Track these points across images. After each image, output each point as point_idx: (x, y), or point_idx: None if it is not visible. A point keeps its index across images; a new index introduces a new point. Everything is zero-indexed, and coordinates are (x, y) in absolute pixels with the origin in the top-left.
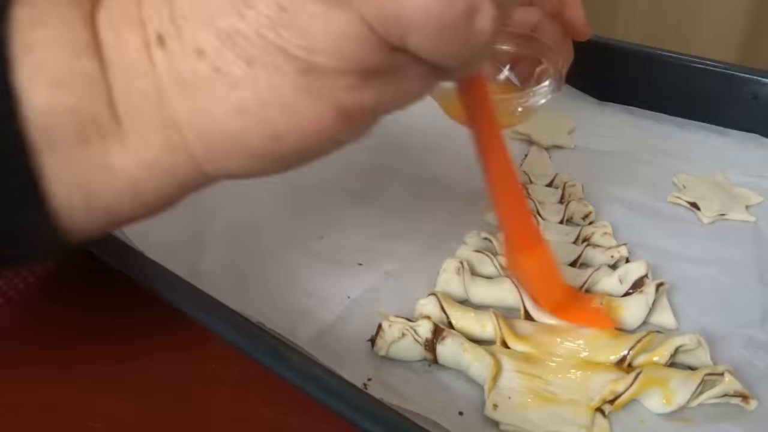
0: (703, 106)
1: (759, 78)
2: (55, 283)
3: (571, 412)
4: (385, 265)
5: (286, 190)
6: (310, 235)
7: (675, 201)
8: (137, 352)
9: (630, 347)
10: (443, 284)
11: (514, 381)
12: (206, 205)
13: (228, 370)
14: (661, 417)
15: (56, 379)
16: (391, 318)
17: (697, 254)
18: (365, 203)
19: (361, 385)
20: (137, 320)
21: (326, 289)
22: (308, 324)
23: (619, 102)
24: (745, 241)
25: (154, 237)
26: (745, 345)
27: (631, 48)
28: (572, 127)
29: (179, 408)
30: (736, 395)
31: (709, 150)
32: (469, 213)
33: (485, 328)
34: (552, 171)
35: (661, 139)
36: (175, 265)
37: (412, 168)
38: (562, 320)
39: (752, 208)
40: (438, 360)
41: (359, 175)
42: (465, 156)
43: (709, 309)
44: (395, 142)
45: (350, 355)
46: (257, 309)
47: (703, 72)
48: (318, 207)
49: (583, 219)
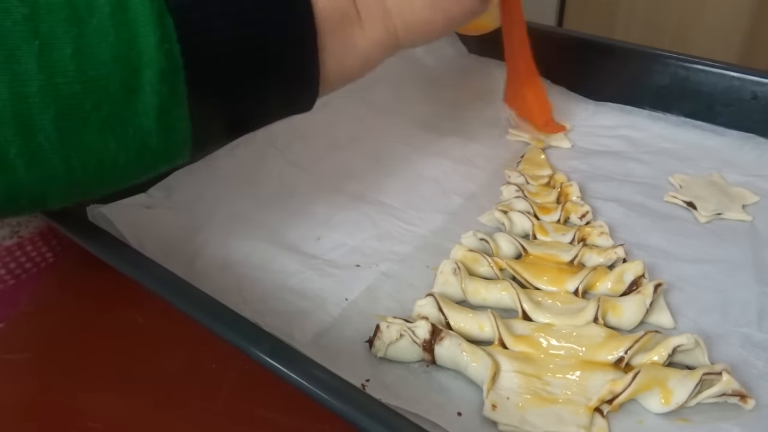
0: (702, 106)
1: (759, 78)
2: (55, 283)
3: (569, 412)
4: (382, 267)
5: (284, 191)
6: (308, 237)
7: (672, 200)
8: (137, 352)
9: (628, 347)
10: (441, 285)
11: (512, 381)
12: (204, 206)
13: (228, 370)
14: (659, 416)
15: (56, 379)
16: (389, 319)
17: (694, 254)
18: (362, 204)
19: (359, 386)
20: (137, 320)
21: (324, 291)
22: (306, 326)
23: (618, 102)
24: (741, 240)
25: (153, 237)
26: (742, 344)
27: (631, 48)
28: (569, 128)
29: (179, 408)
30: (734, 394)
31: (706, 150)
32: (466, 214)
33: (483, 328)
34: (549, 171)
35: (658, 138)
36: (171, 268)
37: (409, 169)
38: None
39: (749, 207)
40: (436, 361)
41: (356, 176)
42: (462, 158)
43: (707, 308)
44: (393, 143)
45: (348, 356)
46: (255, 310)
47: (703, 72)
48: (315, 208)
49: (580, 219)
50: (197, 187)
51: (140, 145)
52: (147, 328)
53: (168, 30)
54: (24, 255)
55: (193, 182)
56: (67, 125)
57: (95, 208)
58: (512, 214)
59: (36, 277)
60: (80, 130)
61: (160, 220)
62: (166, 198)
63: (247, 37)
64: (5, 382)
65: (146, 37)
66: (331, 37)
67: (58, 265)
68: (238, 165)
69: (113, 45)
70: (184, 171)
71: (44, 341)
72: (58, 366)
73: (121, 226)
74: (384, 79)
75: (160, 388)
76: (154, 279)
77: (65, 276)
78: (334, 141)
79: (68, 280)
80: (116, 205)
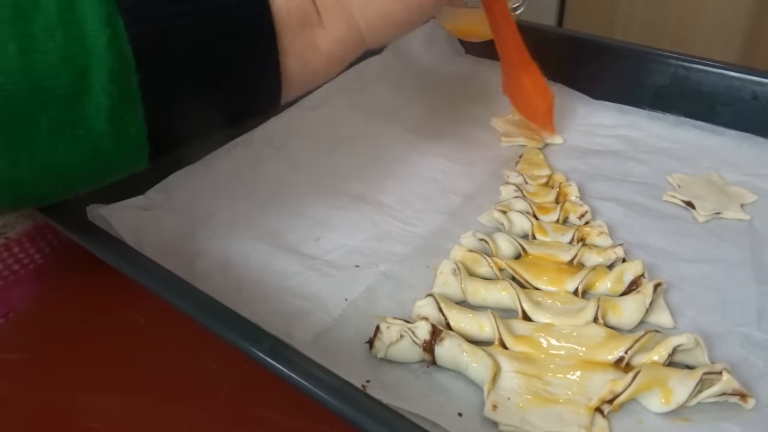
0: (702, 106)
1: (759, 78)
2: (55, 283)
3: (570, 413)
4: (382, 267)
5: (283, 192)
6: (307, 238)
7: (670, 200)
8: (137, 352)
9: (628, 347)
10: (440, 286)
11: (512, 382)
12: (202, 208)
13: (228, 370)
14: (659, 416)
15: (56, 379)
16: (389, 320)
17: (693, 253)
18: (361, 205)
19: (359, 387)
20: (137, 320)
21: (323, 292)
22: (306, 326)
23: (617, 101)
24: (740, 239)
25: (152, 238)
26: (742, 343)
27: (631, 48)
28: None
29: (179, 408)
30: (735, 394)
31: (704, 149)
32: (465, 214)
33: (483, 329)
34: (547, 171)
35: (657, 138)
36: (172, 267)
37: (408, 169)
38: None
39: (747, 206)
40: (436, 361)
41: (355, 176)
42: (460, 158)
43: (706, 308)
44: (392, 143)
45: (348, 357)
46: (254, 311)
47: (703, 72)
48: (314, 209)
49: (579, 219)
50: (195, 188)
51: (93, 148)
52: (147, 328)
53: (118, 30)
54: (11, 257)
55: (192, 183)
56: (13, 126)
57: (95, 208)
58: (511, 214)
59: (23, 278)
60: (28, 131)
61: (158, 222)
62: (165, 200)
63: (204, 39)
64: (5, 382)
65: (95, 36)
66: (292, 38)
67: (57, 265)
68: (237, 165)
69: (60, 44)
70: (183, 172)
71: (44, 341)
72: (58, 366)
73: (120, 228)
74: (383, 79)
75: (160, 387)
76: (154, 279)
77: (65, 276)
78: (333, 141)
79: (68, 280)
80: (114, 207)
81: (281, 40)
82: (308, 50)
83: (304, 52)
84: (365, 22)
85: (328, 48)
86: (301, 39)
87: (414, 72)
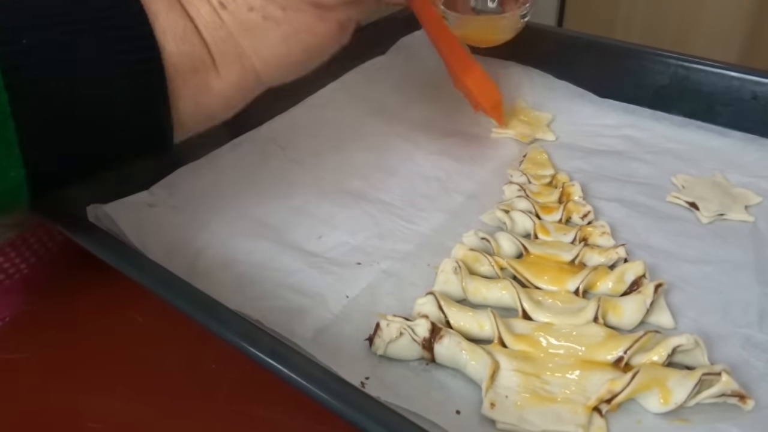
0: (703, 106)
1: (759, 78)
2: (55, 283)
3: (568, 412)
4: (383, 265)
5: (286, 190)
6: (309, 235)
7: (674, 201)
8: (137, 352)
9: (627, 347)
10: (441, 284)
11: (511, 380)
12: (206, 204)
13: (227, 370)
14: (658, 416)
15: (56, 379)
16: (389, 317)
17: (695, 254)
18: (364, 203)
19: (358, 383)
20: (137, 320)
21: (324, 289)
22: (307, 323)
23: (619, 102)
24: (743, 241)
25: (155, 236)
26: (743, 345)
27: (631, 48)
28: (551, 119)
29: (179, 408)
30: (734, 395)
31: (709, 150)
32: (467, 213)
33: (483, 327)
34: (551, 171)
35: (661, 139)
36: (174, 266)
37: (411, 168)
38: (495, 117)
39: (751, 208)
40: (436, 359)
41: (358, 174)
42: (464, 157)
43: (708, 309)
44: (395, 142)
45: (348, 354)
46: (256, 308)
47: (703, 72)
48: (317, 207)
49: (582, 219)
50: (200, 184)
51: None
52: (147, 328)
53: None
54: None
55: (196, 180)
56: None
57: (96, 207)
58: (514, 213)
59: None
60: None
61: (162, 218)
62: (169, 196)
63: (90, 84)
64: (5, 382)
65: None
66: (183, 82)
67: (57, 265)
68: (241, 163)
69: None
70: (187, 168)
71: (44, 341)
72: (58, 366)
73: (124, 225)
74: (387, 78)
75: (159, 387)
76: (154, 279)
77: (65, 276)
78: (337, 139)
79: (68, 280)
80: (119, 204)
81: (171, 84)
82: (201, 92)
83: (196, 94)
84: (261, 63)
85: (222, 89)
86: (193, 82)
87: (418, 71)
